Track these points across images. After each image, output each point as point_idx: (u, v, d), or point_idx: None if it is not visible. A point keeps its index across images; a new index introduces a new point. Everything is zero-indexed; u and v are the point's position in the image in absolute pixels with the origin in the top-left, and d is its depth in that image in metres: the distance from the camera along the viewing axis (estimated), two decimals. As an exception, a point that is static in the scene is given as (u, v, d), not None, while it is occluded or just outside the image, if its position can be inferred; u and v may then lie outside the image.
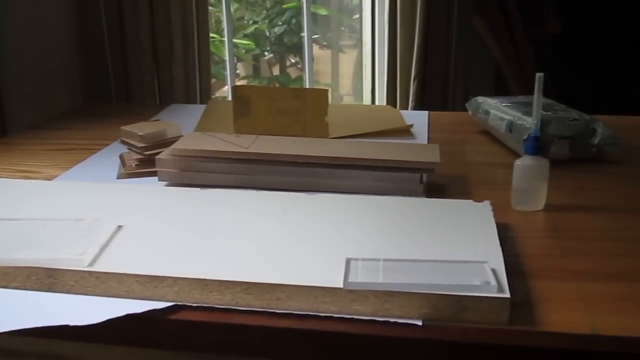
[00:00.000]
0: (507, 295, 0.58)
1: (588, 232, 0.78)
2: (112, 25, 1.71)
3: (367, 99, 2.45)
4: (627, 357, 0.55)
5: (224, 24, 2.28)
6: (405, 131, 1.19)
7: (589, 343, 0.56)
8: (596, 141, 1.00)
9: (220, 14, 2.58)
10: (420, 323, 0.58)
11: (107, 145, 1.13)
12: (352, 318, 0.59)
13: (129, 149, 1.02)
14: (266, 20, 3.26)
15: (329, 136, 1.09)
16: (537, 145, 0.81)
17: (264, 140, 0.96)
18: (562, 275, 0.68)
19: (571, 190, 0.91)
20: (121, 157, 1.02)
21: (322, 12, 3.16)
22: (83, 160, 1.05)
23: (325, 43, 3.32)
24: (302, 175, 0.89)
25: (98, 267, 0.64)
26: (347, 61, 3.22)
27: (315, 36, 3.16)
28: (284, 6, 3.16)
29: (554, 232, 0.78)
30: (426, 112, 1.33)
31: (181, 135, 1.01)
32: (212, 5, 2.32)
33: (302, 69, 3.16)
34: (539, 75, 0.79)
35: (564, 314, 0.60)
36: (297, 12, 3.08)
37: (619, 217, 0.82)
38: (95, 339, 0.61)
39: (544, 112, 1.00)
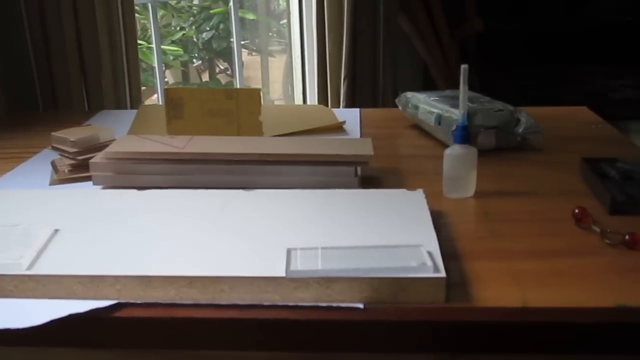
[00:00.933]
0: (443, 274, 0.61)
1: (516, 214, 0.82)
2: (35, 35, 1.67)
3: (298, 101, 2.48)
4: (556, 325, 0.58)
5: (151, 31, 2.26)
6: (338, 128, 1.21)
7: (520, 315, 0.59)
8: (520, 130, 1.05)
9: (147, 20, 2.56)
10: (361, 306, 0.60)
11: (37, 152, 1.11)
12: (296, 305, 0.60)
13: (60, 155, 1.00)
14: (193, 26, 3.25)
15: (264, 135, 1.10)
16: (465, 134, 0.85)
17: (199, 140, 0.96)
18: (493, 255, 0.71)
19: (499, 177, 0.95)
20: (53, 163, 1.01)
21: (250, 16, 3.16)
22: (13, 168, 1.03)
23: (254, 48, 3.33)
24: (238, 173, 0.90)
25: (37, 271, 0.63)
26: (276, 66, 3.24)
27: (244, 42, 3.17)
28: (211, 11, 3.15)
29: (484, 216, 0.81)
30: (357, 110, 1.36)
31: (114, 139, 1.00)
32: (137, 12, 2.30)
33: (232, 75, 3.15)
34: (463, 67, 0.82)
35: (497, 290, 0.63)
36: (225, 17, 3.08)
37: (543, 200, 0.86)
38: (38, 343, 0.60)
39: (470, 104, 1.04)
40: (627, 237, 0.71)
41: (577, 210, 0.78)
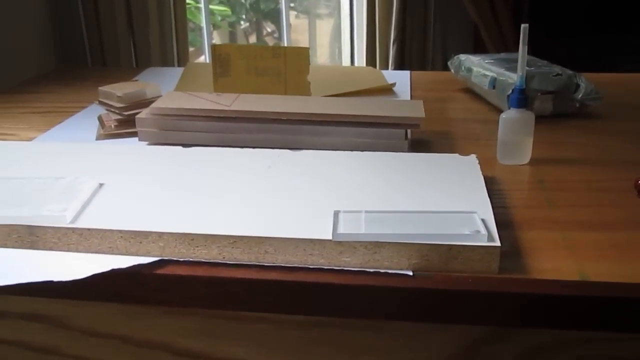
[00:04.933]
0: (498, 244, 0.58)
1: (573, 183, 0.78)
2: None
3: (346, 64, 2.44)
4: (615, 300, 0.55)
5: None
6: (388, 90, 1.18)
7: (578, 289, 0.56)
8: (579, 96, 1.00)
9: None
10: (410, 273, 0.58)
11: (84, 107, 1.11)
12: (342, 269, 0.58)
13: (107, 110, 1.00)
14: (241, -14, 3.21)
15: (311, 95, 1.07)
16: (522, 98, 0.81)
17: (245, 98, 0.94)
18: (549, 225, 0.67)
19: (555, 144, 0.91)
20: (99, 118, 1.00)
21: (299, -24, 3.11)
22: (60, 122, 1.03)
23: (301, 8, 3.28)
24: (285, 132, 0.88)
25: (80, 224, 0.62)
26: (324, 30, 3.19)
27: (292, 4, 3.12)
28: (260, -29, 3.11)
29: (540, 184, 0.78)
30: (408, 72, 1.32)
31: (161, 95, 0.99)
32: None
33: (279, 38, 3.12)
34: (524, 27, 0.78)
35: (552, 262, 0.60)
36: (273, -23, 3.03)
37: (602, 169, 0.82)
38: (79, 296, 0.59)
39: (527, 68, 0.99)
40: (694, 211, 0.67)
41: (639, 181, 0.74)
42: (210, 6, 2.79)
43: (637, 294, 0.55)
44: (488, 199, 0.67)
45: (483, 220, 0.61)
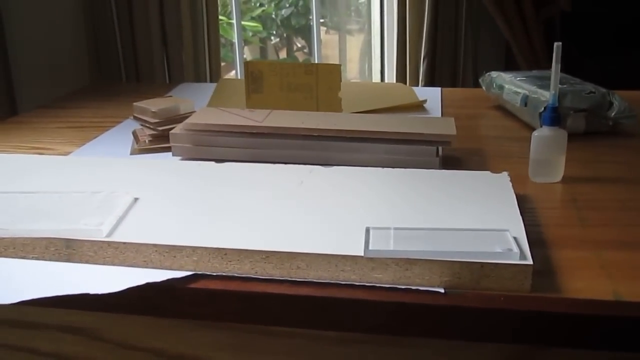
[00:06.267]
0: (530, 262, 0.58)
1: (606, 202, 0.77)
2: (120, 8, 1.70)
3: (376, 80, 2.44)
4: (652, 322, 0.55)
5: (231, 7, 2.27)
6: (419, 107, 1.18)
7: (612, 309, 0.56)
8: (613, 114, 0.99)
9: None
10: (442, 290, 0.58)
11: (119, 122, 1.13)
12: (373, 286, 0.59)
13: (141, 125, 1.01)
14: (273, 3, 3.24)
15: (343, 112, 1.08)
16: (555, 116, 0.81)
17: (278, 114, 0.95)
18: (582, 244, 0.67)
19: (588, 163, 0.90)
20: (134, 133, 1.02)
21: (330, -7, 3.13)
22: (95, 137, 1.05)
23: (331, 24, 3.30)
24: (317, 149, 0.89)
25: (116, 238, 0.63)
26: (354, 45, 3.20)
27: (322, 19, 3.14)
28: (291, -12, 3.14)
29: (573, 202, 0.77)
30: (439, 89, 1.32)
31: (194, 111, 1.00)
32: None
33: (310, 53, 3.14)
34: (557, 45, 0.78)
35: (586, 281, 0.60)
36: (305, -7, 3.06)
37: (636, 188, 0.81)
38: (114, 309, 0.60)
39: (560, 85, 0.99)
40: None
41: (674, 201, 0.73)
42: (242, 22, 2.82)
43: (673, 315, 0.54)
44: (520, 217, 0.67)
45: (515, 239, 0.61)
